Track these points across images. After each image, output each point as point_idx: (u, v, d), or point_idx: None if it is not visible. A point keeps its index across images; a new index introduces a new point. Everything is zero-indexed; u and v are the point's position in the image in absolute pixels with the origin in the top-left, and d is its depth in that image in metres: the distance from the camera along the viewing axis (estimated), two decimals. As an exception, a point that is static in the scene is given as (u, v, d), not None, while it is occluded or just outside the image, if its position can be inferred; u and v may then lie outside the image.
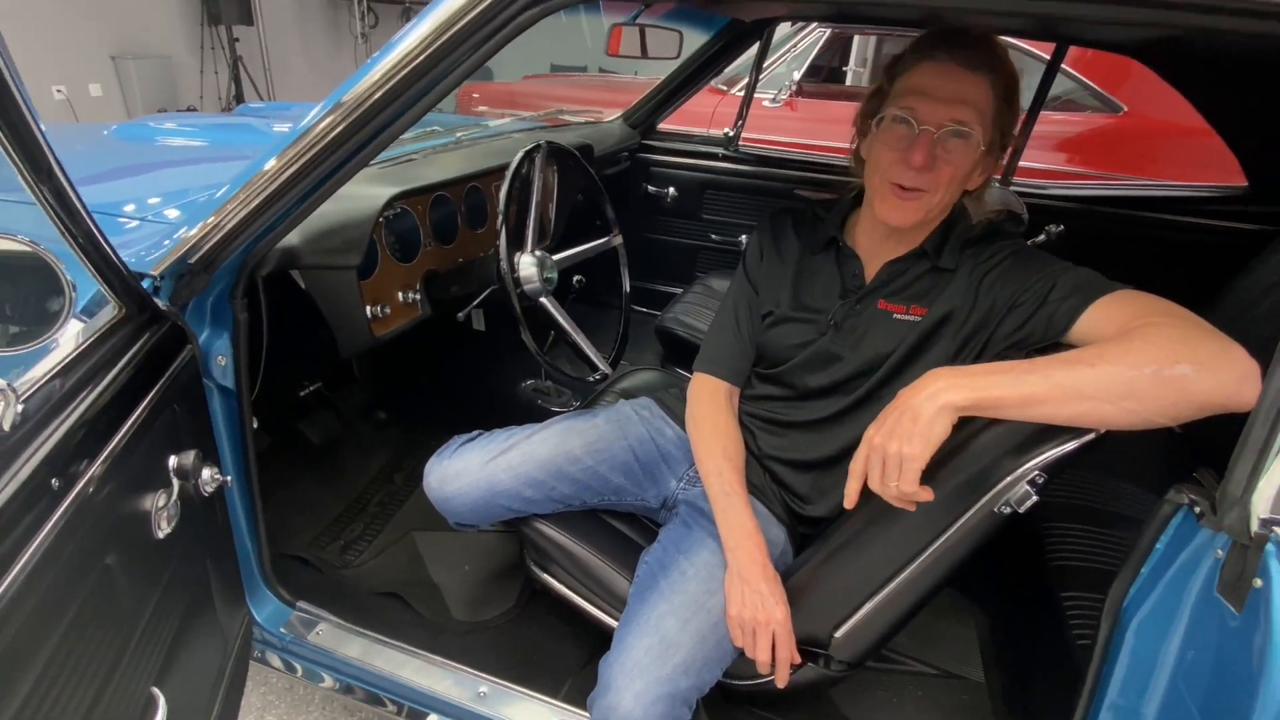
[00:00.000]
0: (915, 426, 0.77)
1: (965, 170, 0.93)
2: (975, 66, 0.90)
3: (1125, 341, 0.76)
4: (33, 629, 0.60)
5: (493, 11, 0.81)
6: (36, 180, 0.56)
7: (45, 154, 0.55)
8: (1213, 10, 0.60)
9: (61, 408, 0.67)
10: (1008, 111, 0.95)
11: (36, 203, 0.58)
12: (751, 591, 0.96)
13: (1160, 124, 3.00)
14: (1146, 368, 0.72)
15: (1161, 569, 0.73)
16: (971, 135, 0.90)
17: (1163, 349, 0.72)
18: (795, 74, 3.54)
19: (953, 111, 0.89)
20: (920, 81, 0.91)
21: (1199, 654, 0.70)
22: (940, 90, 0.90)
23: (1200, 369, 0.70)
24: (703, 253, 2.61)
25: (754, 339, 1.13)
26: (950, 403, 0.77)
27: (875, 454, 0.81)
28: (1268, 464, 0.62)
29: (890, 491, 0.81)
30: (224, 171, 1.60)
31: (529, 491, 1.16)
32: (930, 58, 0.92)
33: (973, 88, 0.90)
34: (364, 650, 1.25)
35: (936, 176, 0.92)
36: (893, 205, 0.95)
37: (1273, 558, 0.62)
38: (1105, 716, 0.81)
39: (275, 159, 0.92)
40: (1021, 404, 0.77)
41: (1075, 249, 1.82)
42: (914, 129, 0.91)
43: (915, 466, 0.78)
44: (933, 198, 0.93)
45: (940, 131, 0.90)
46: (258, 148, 1.90)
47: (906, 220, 0.95)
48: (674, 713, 0.92)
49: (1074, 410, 0.76)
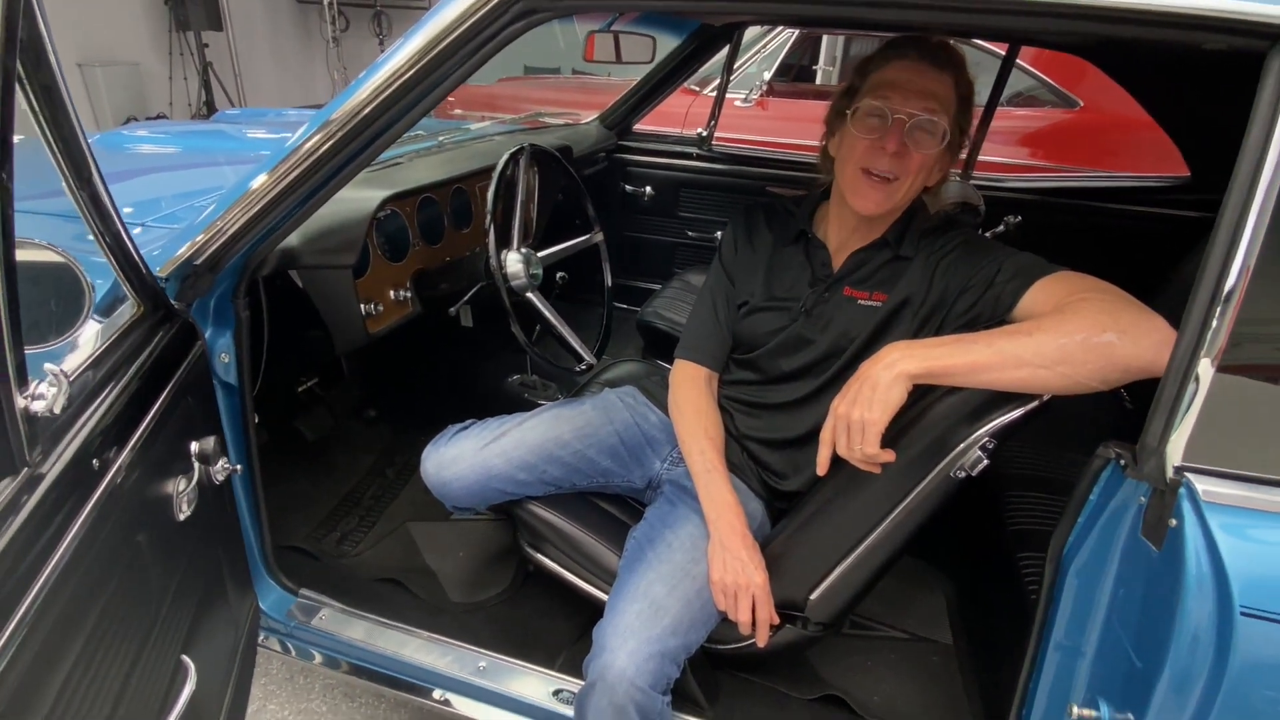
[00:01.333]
0: (875, 394, 0.86)
1: (932, 160, 1.02)
2: (942, 65, 1.00)
3: (1059, 314, 0.85)
4: (81, 598, 0.66)
5: (482, 24, 0.88)
6: (78, 186, 0.62)
7: (89, 163, 0.61)
8: (1119, 20, 0.69)
9: (94, 396, 0.72)
10: (965, 111, 1.04)
11: (75, 206, 0.64)
12: (732, 558, 1.04)
13: (1115, 118, 3.13)
14: (1077, 335, 0.81)
15: (1095, 517, 0.82)
16: (938, 126, 0.99)
17: (1091, 319, 0.82)
18: (766, 74, 3.62)
19: (923, 103, 0.99)
20: (894, 76, 1.01)
21: (1129, 591, 0.79)
22: (911, 84, 0.99)
23: (1124, 336, 0.80)
24: (680, 249, 2.69)
25: (730, 327, 1.21)
26: (905, 371, 0.86)
27: (840, 422, 0.90)
28: (1178, 419, 0.71)
29: (855, 455, 0.89)
30: (203, 178, 1.66)
31: (522, 475, 1.23)
32: (903, 55, 1.02)
33: (939, 84, 1.00)
34: (366, 632, 1.31)
35: (907, 163, 1.01)
36: (864, 194, 1.04)
37: (1185, 500, 0.71)
38: (1052, 656, 0.90)
39: (270, 172, 0.97)
40: (968, 371, 0.86)
41: (1032, 238, 1.93)
42: (887, 118, 1.00)
43: (875, 430, 0.86)
44: (901, 185, 1.02)
45: (911, 121, 0.99)
46: (233, 155, 1.95)
47: (877, 208, 1.04)
48: (663, 670, 0.99)
49: (1015, 375, 0.85)
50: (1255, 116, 0.66)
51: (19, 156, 0.51)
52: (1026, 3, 0.70)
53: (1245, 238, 0.66)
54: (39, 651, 0.60)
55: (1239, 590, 0.67)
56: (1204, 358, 0.69)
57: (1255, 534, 0.69)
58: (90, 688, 0.67)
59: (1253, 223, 0.66)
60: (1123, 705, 0.77)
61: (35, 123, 0.55)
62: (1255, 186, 0.65)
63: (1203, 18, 0.66)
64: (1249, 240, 0.66)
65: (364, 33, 7.30)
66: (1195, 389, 0.70)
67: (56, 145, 0.57)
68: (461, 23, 0.87)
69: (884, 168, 1.01)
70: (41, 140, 0.57)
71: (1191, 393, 0.70)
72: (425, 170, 1.73)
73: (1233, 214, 0.67)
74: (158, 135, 2.29)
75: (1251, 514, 0.69)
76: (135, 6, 5.72)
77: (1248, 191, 0.66)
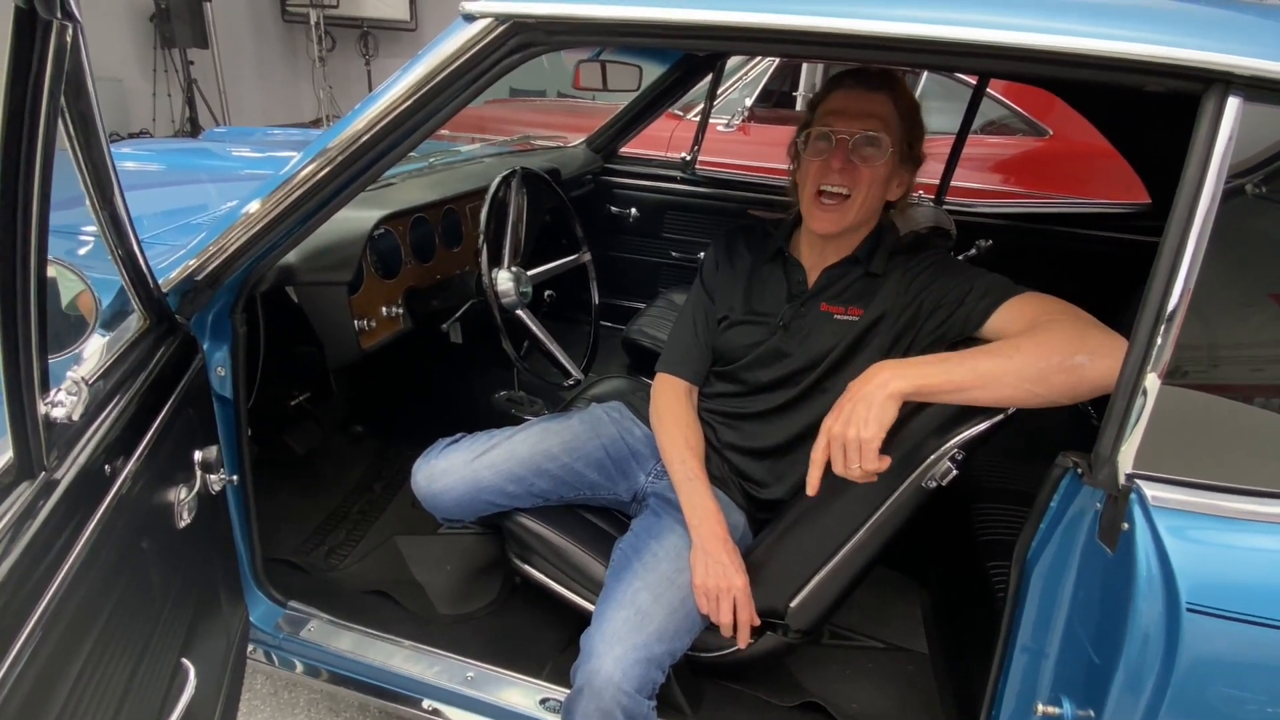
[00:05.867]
0: (869, 413, 0.90)
1: (881, 174, 1.09)
2: (877, 87, 1.09)
3: (1033, 337, 0.92)
4: (92, 601, 0.68)
5: (480, 57, 0.93)
6: (101, 205, 0.65)
7: (113, 184, 0.64)
8: (1066, 64, 0.76)
9: (105, 404, 0.75)
10: (910, 127, 1.13)
11: (95, 222, 0.68)
12: (714, 562, 1.08)
13: (1083, 146, 3.24)
14: (1054, 358, 0.88)
15: (1055, 523, 0.87)
16: (881, 140, 1.07)
17: (1064, 343, 0.89)
18: (747, 100, 3.72)
19: (863, 123, 1.07)
20: (835, 104, 1.10)
21: (1087, 593, 0.84)
22: (851, 107, 1.08)
23: (1093, 358, 0.86)
24: (664, 269, 2.75)
25: (709, 342, 1.27)
26: (897, 390, 0.91)
27: (835, 442, 0.93)
28: (1129, 430, 0.77)
29: (854, 473, 0.93)
30: (187, 196, 1.69)
31: (511, 487, 1.26)
32: (840, 85, 1.11)
33: (877, 104, 1.08)
34: (354, 644, 1.32)
35: (856, 178, 1.08)
36: (819, 216, 1.11)
37: (1135, 505, 0.76)
38: (1018, 659, 0.95)
39: (269, 196, 1.01)
40: (954, 390, 0.92)
41: (1002, 261, 2.00)
42: (832, 141, 1.08)
43: (873, 447, 0.90)
44: (853, 203, 1.09)
45: (854, 139, 1.07)
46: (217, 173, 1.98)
47: (832, 227, 1.11)
48: (649, 675, 1.02)
49: (995, 394, 0.92)
50: (1192, 153, 0.72)
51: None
52: (977, 45, 0.77)
53: (1185, 263, 0.72)
54: (52, 654, 0.62)
55: (1185, 588, 0.72)
56: (1151, 372, 0.75)
57: (1199, 535, 0.74)
58: (98, 688, 0.69)
59: (1191, 249, 0.72)
60: (1084, 702, 0.82)
61: (70, 146, 0.59)
62: (1193, 216, 0.72)
63: (1142, 63, 0.73)
64: (1189, 265, 0.72)
65: (350, 53, 7.35)
66: (1143, 402, 0.75)
67: (86, 167, 0.61)
68: (460, 55, 0.92)
69: (835, 183, 1.09)
70: (73, 162, 0.61)
71: (1140, 405, 0.76)
72: (418, 191, 1.77)
73: (1173, 241, 0.73)
74: (142, 153, 2.32)
75: (1196, 517, 0.75)
76: (120, 23, 5.73)
77: (1186, 221, 0.72)
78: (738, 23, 0.83)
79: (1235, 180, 0.75)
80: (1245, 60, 0.70)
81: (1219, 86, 0.71)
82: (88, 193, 0.63)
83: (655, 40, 0.90)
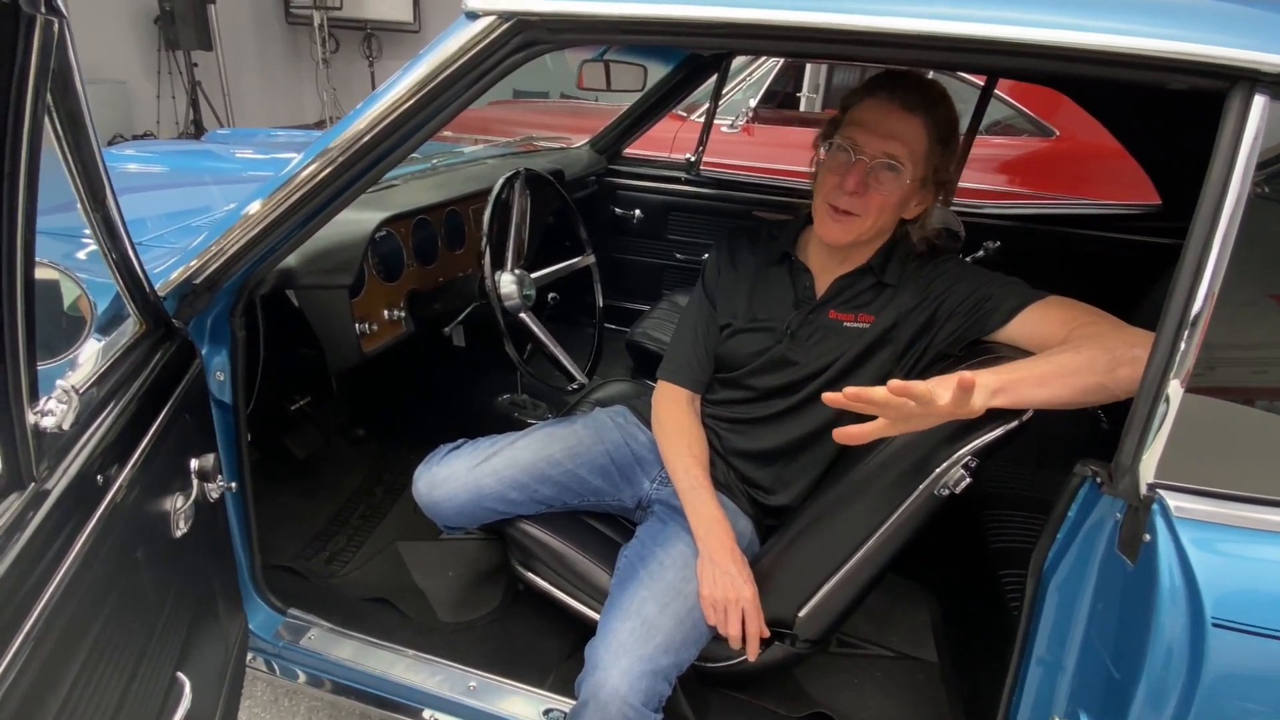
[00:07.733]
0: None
1: (894, 200, 1.05)
2: (913, 108, 1.02)
3: (1091, 333, 0.89)
4: (83, 614, 0.66)
5: (483, 55, 0.91)
6: (93, 207, 0.64)
7: (105, 186, 0.63)
8: (1086, 61, 0.74)
9: (98, 412, 0.74)
10: (942, 152, 1.07)
11: (88, 225, 0.66)
12: (721, 573, 1.06)
13: (1090, 147, 3.22)
14: (1116, 351, 0.85)
15: (1073, 533, 0.85)
16: (901, 170, 1.02)
17: (1117, 340, 0.87)
18: (752, 101, 3.70)
19: (886, 145, 1.02)
20: (863, 115, 1.04)
21: (1106, 605, 0.82)
22: (878, 125, 1.02)
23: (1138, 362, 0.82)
24: (668, 271, 2.73)
25: (711, 350, 1.24)
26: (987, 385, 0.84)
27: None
28: (1150, 438, 0.74)
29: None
30: (190, 198, 1.67)
31: (513, 494, 1.24)
32: (874, 95, 1.05)
33: (907, 127, 1.02)
34: (355, 652, 1.30)
35: (867, 202, 1.04)
36: (827, 225, 1.08)
37: (1158, 516, 0.74)
38: (1034, 670, 0.92)
39: (269, 197, 0.99)
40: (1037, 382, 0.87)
41: (1010, 263, 1.97)
42: (851, 157, 1.03)
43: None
44: (863, 222, 1.06)
45: (874, 162, 1.02)
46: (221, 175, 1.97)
47: (839, 239, 1.08)
48: (656, 688, 1.00)
49: (1072, 385, 0.86)
50: (1217, 153, 0.70)
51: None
52: (997, 42, 0.74)
53: (1210, 266, 0.70)
54: (42, 668, 0.60)
55: (1210, 602, 0.70)
56: (1174, 379, 0.72)
57: (1225, 548, 0.72)
58: (90, 704, 0.67)
59: (1216, 252, 0.70)
60: (1102, 717, 0.80)
61: (57, 146, 0.57)
62: (1218, 218, 0.70)
63: (1167, 60, 0.71)
64: (1213, 268, 0.70)
65: (354, 54, 7.35)
66: (1166, 409, 0.73)
67: (76, 168, 0.59)
68: (463, 54, 0.90)
69: (844, 205, 1.05)
70: (61, 163, 0.59)
71: (1162, 413, 0.73)
72: (420, 193, 1.76)
73: (1198, 244, 0.71)
74: (145, 154, 2.31)
75: (1221, 528, 0.73)
76: (124, 25, 5.74)
77: (1211, 223, 0.70)
78: (745, 20, 0.81)
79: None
80: (1272, 57, 0.67)
81: (1245, 85, 0.69)
82: (78, 194, 0.61)
83: (661, 38, 0.88)
